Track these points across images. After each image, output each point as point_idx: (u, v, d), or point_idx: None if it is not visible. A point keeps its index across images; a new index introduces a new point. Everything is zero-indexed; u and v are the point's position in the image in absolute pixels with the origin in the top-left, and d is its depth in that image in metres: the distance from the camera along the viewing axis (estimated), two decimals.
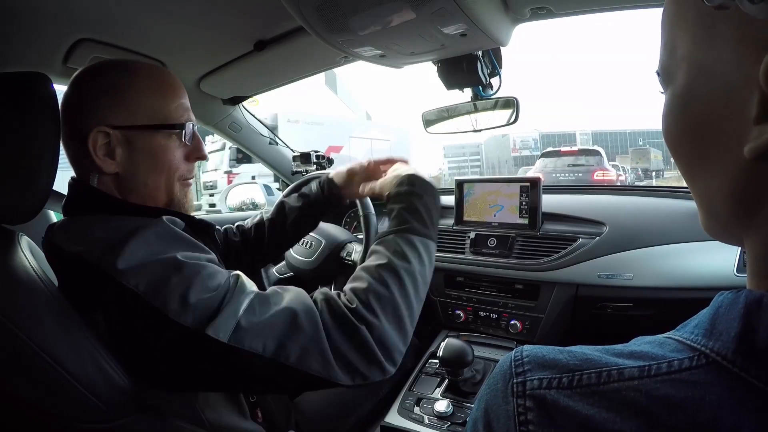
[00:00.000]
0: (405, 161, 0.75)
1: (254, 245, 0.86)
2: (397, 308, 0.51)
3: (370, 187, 0.72)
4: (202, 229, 0.61)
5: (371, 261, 0.56)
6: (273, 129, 1.64)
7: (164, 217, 0.52)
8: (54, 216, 1.09)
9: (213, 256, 0.52)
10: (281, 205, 0.88)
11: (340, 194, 0.83)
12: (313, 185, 0.86)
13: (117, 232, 0.48)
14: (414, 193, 0.62)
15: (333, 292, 0.52)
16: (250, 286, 0.50)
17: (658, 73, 0.25)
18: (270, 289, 0.51)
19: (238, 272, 0.51)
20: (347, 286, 0.53)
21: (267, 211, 0.90)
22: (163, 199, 0.58)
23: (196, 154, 0.61)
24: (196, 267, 0.47)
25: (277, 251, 0.90)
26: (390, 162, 0.82)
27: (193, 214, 0.64)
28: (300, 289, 0.52)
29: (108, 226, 0.50)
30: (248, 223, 0.91)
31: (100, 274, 0.45)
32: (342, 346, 0.46)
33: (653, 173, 17.37)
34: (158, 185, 0.57)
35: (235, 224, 0.91)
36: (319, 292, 0.51)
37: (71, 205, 0.56)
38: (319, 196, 0.84)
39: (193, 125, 0.59)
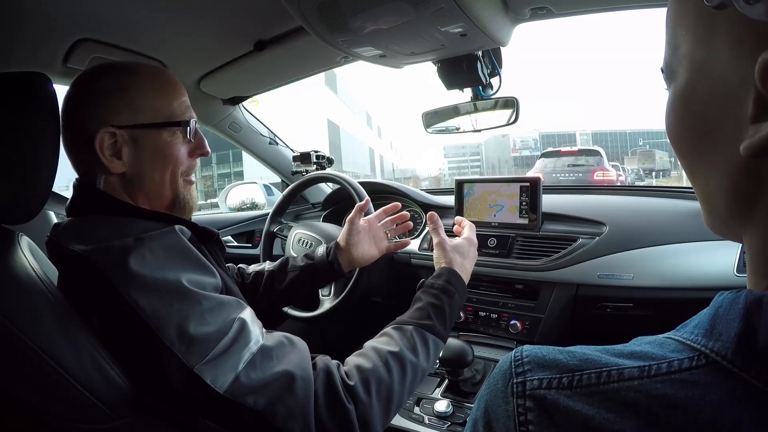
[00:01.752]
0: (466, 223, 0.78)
1: (249, 295, 0.82)
2: (392, 395, 0.53)
3: (438, 242, 0.72)
4: (207, 236, 0.60)
5: (383, 344, 0.57)
6: None
7: (176, 227, 0.52)
8: (54, 216, 1.09)
9: (218, 280, 0.52)
10: (286, 261, 0.86)
11: (349, 259, 0.82)
12: (321, 249, 0.84)
13: (125, 235, 0.48)
14: (448, 291, 0.64)
15: (334, 363, 0.53)
16: (255, 333, 0.49)
17: (662, 71, 0.25)
18: (276, 339, 0.51)
19: (243, 316, 0.50)
20: (352, 360, 0.55)
21: (270, 263, 0.88)
22: (168, 196, 0.59)
23: (199, 150, 0.62)
24: (199, 297, 0.47)
25: (269, 308, 0.86)
26: (385, 213, 0.86)
27: (195, 214, 0.64)
28: (304, 348, 0.53)
29: (116, 228, 0.50)
30: (251, 268, 0.88)
31: (101, 278, 0.45)
32: (326, 419, 0.47)
33: (656, 173, 17.64)
34: (164, 181, 0.58)
35: (237, 266, 0.88)
36: (322, 361, 0.52)
37: (76, 207, 0.56)
38: (324, 262, 0.82)
39: (195, 122, 0.60)
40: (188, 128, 0.58)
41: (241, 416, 0.45)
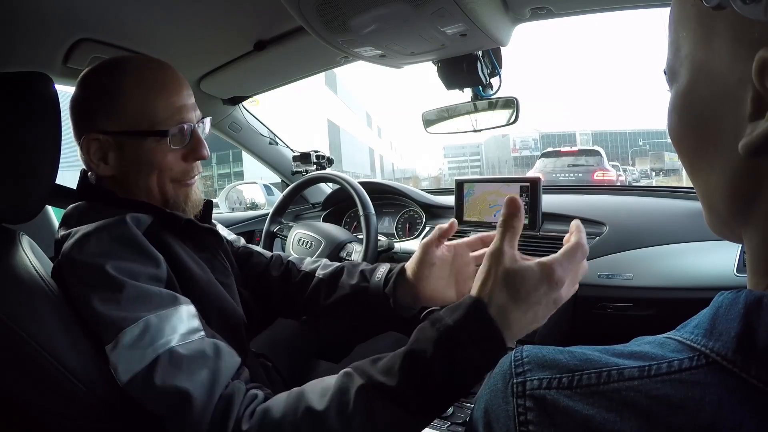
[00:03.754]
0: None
1: (292, 294, 0.72)
2: None
3: (494, 250, 0.42)
4: (174, 224, 0.57)
5: (312, 392, 0.42)
6: None
7: (128, 216, 0.52)
8: (54, 216, 1.09)
9: (159, 271, 0.50)
10: (340, 271, 0.70)
11: (414, 294, 0.60)
12: (381, 270, 0.65)
13: (91, 221, 0.51)
14: (453, 338, 0.39)
15: (250, 394, 0.44)
16: (168, 333, 0.44)
17: (665, 72, 0.25)
18: (197, 348, 0.45)
19: (163, 312, 0.45)
20: (274, 400, 0.43)
21: (326, 266, 0.72)
22: (158, 199, 0.58)
23: (193, 155, 0.58)
24: (119, 283, 0.46)
25: (305, 314, 0.76)
26: (482, 243, 0.57)
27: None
28: (228, 364, 0.45)
29: (93, 216, 0.53)
30: (305, 265, 0.74)
31: (59, 260, 0.50)
32: None
33: (666, 172, 18.00)
34: (151, 187, 0.57)
35: (288, 259, 0.76)
36: (233, 387, 0.43)
37: (78, 194, 0.59)
38: (379, 291, 0.62)
39: (187, 126, 0.57)
40: (169, 139, 0.55)
41: (148, 409, 0.44)
